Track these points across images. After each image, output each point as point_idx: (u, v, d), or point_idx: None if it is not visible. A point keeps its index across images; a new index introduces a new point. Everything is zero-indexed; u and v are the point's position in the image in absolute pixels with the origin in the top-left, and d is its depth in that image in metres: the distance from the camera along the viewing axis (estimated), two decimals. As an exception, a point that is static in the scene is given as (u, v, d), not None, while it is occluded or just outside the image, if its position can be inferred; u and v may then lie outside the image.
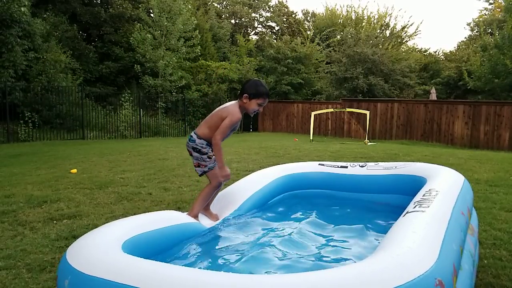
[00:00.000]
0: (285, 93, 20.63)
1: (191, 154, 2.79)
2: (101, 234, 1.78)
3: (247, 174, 3.72)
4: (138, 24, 17.59)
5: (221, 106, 2.84)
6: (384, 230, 2.44)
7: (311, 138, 13.98)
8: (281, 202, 3.32)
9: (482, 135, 13.67)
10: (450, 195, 2.27)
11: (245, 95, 2.71)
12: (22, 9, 12.36)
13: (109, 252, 1.55)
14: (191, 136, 2.77)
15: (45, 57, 14.25)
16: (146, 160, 7.70)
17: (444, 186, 2.46)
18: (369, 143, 12.60)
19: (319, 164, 3.66)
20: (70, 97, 14.53)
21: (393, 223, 1.91)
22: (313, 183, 3.53)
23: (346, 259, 2.16)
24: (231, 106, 2.75)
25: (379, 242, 1.91)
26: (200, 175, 2.77)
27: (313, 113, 14.87)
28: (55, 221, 3.80)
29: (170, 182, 5.63)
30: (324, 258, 2.15)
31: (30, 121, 12.88)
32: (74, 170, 6.36)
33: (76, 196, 4.74)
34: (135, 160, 7.78)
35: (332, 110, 15.78)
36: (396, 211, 2.55)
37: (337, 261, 2.14)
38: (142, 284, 1.30)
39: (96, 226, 3.25)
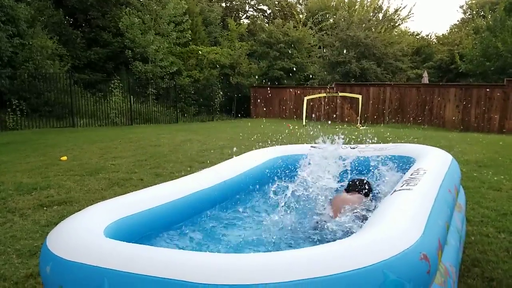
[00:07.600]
0: (277, 78, 20.48)
1: None
2: (82, 218, 1.73)
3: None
4: (127, 8, 17.16)
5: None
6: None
7: (304, 123, 13.98)
8: (271, 183, 3.31)
9: (473, 118, 13.79)
10: (438, 174, 2.29)
11: (371, 195, 2.63)
12: None
13: (90, 237, 1.51)
14: None
15: (31, 43, 13.88)
16: (137, 147, 7.65)
17: (432, 165, 2.47)
18: (361, 127, 12.65)
19: (311, 147, 3.66)
20: (58, 84, 14.23)
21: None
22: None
23: (333, 238, 2.18)
24: (355, 198, 2.54)
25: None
26: None
27: (305, 98, 14.82)
28: (45, 208, 3.78)
29: (162, 167, 5.61)
30: (311, 237, 2.16)
31: (18, 109, 12.64)
32: (64, 158, 6.30)
33: (66, 183, 4.70)
34: (126, 146, 7.72)
35: (325, 94, 15.74)
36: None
37: (325, 240, 2.16)
38: (125, 268, 1.27)
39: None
